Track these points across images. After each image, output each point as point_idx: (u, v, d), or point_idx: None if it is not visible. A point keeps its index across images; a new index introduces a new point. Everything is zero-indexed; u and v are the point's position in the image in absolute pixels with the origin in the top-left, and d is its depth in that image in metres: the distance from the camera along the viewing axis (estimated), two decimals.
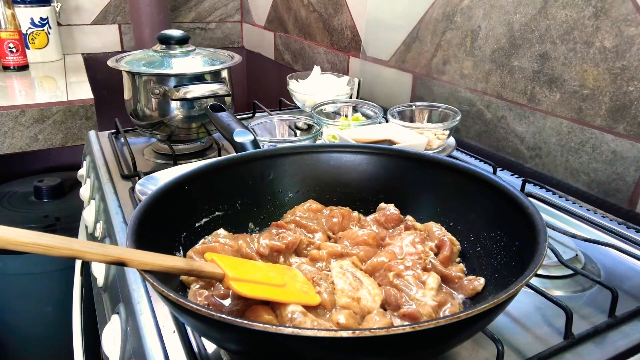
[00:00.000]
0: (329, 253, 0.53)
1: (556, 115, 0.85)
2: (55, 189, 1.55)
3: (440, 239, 0.54)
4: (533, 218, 0.45)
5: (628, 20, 0.72)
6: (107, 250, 0.35)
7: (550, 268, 0.60)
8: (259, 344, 0.36)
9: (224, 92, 0.94)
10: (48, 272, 1.39)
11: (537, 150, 0.90)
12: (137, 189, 0.74)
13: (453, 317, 0.33)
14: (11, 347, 1.50)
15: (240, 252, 0.52)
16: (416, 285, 0.47)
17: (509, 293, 0.35)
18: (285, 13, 1.77)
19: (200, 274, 0.41)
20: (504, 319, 0.52)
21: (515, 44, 0.90)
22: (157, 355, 0.48)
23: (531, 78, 0.88)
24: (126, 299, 0.58)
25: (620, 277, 0.61)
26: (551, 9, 0.83)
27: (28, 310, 1.44)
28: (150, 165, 0.98)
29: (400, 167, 0.63)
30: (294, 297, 0.43)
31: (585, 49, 0.78)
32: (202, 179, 0.57)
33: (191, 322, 0.40)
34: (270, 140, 0.87)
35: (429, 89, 1.14)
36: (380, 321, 0.43)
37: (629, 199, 0.76)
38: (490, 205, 0.53)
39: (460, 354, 0.48)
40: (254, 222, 0.62)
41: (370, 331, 0.32)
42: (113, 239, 0.71)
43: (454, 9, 1.02)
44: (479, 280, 0.49)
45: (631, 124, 0.74)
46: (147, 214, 0.47)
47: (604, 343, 0.50)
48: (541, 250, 0.40)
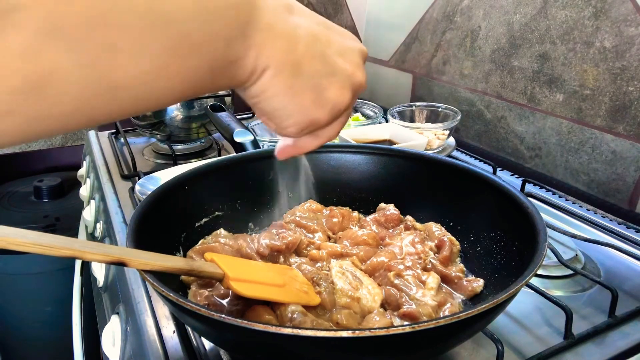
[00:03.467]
0: (328, 253, 0.53)
1: (556, 115, 0.85)
2: (55, 189, 1.55)
3: (440, 239, 0.54)
4: (533, 218, 0.45)
5: (628, 20, 0.72)
6: (107, 250, 0.35)
7: (550, 268, 0.60)
8: (259, 344, 0.36)
9: (224, 92, 0.94)
10: (48, 272, 1.39)
11: (537, 150, 0.90)
12: (137, 189, 0.74)
13: (453, 317, 0.33)
14: (11, 347, 1.50)
15: (240, 252, 0.52)
16: (416, 285, 0.47)
17: (508, 293, 0.35)
18: None
19: (200, 274, 0.41)
20: (504, 319, 0.52)
21: (515, 44, 0.90)
22: (157, 355, 0.48)
23: (531, 78, 0.88)
24: (126, 299, 0.58)
25: (620, 277, 0.61)
26: (551, 9, 0.83)
27: (28, 310, 1.44)
28: (150, 165, 0.98)
29: (400, 167, 0.63)
30: (294, 297, 0.43)
31: (585, 49, 0.78)
32: (202, 179, 0.57)
33: (191, 322, 0.40)
34: (270, 140, 0.87)
35: (429, 89, 1.14)
36: (380, 321, 0.43)
37: (629, 199, 0.76)
38: (490, 205, 0.53)
39: (460, 354, 0.48)
40: (254, 222, 0.62)
41: (370, 331, 0.32)
42: (113, 239, 0.71)
43: (454, 9, 1.03)
44: (478, 281, 0.49)
45: (631, 124, 0.74)
46: (147, 214, 0.47)
47: (604, 343, 0.50)
48: (541, 250, 0.40)
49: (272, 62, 0.31)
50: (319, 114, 0.35)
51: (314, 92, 0.34)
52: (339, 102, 0.35)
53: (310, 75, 0.33)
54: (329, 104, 0.35)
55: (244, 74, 0.31)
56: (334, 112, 0.36)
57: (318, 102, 0.34)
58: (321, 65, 0.34)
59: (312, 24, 0.34)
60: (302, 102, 0.34)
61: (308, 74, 0.33)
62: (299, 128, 0.36)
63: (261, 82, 0.32)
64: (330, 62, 0.34)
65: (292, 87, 0.33)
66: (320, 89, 0.34)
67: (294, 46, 0.32)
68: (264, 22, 0.30)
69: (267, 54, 0.31)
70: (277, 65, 0.31)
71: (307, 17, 0.34)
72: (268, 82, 0.32)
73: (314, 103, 0.34)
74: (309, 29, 0.33)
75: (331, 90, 0.35)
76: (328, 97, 0.35)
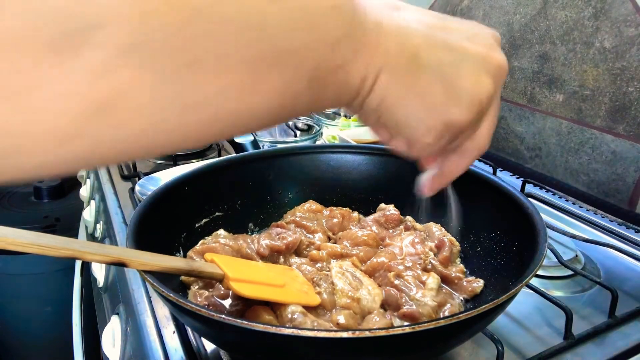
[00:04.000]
0: (328, 253, 0.53)
1: (556, 115, 0.85)
2: (55, 189, 1.55)
3: (440, 240, 0.54)
4: (533, 218, 0.45)
5: (628, 20, 0.72)
6: (107, 250, 0.35)
7: (550, 268, 0.60)
8: (259, 344, 0.36)
9: None
10: (48, 272, 1.39)
11: (537, 151, 0.90)
12: (137, 190, 0.74)
13: (453, 317, 0.33)
14: (11, 347, 1.50)
15: (240, 253, 0.52)
16: (416, 285, 0.47)
17: (508, 294, 0.35)
18: None
19: (200, 275, 0.41)
20: (504, 319, 0.52)
21: (515, 45, 0.90)
22: (157, 355, 0.48)
23: (531, 78, 0.88)
24: (126, 300, 0.58)
25: (620, 277, 0.61)
26: (551, 9, 0.83)
27: (28, 310, 1.44)
28: (150, 165, 0.98)
29: (400, 167, 0.63)
30: (294, 297, 0.43)
31: (585, 49, 0.78)
32: (202, 179, 0.57)
33: (191, 323, 0.40)
34: (270, 140, 0.87)
35: None
36: (380, 321, 0.43)
37: (629, 199, 0.76)
38: (490, 205, 0.53)
39: (460, 354, 0.48)
40: (254, 222, 0.62)
41: (370, 331, 0.32)
42: (113, 239, 0.71)
43: (454, 9, 1.03)
44: (478, 282, 0.49)
45: (631, 124, 0.74)
46: (147, 214, 0.47)
47: (604, 343, 0.50)
48: (541, 251, 0.40)
49: (386, 61, 0.27)
50: (455, 111, 0.29)
51: (442, 84, 0.28)
52: (477, 92, 0.29)
53: (434, 66, 0.28)
54: (465, 96, 0.29)
55: (354, 83, 0.26)
56: (475, 106, 0.29)
57: (451, 95, 0.28)
58: (445, 53, 0.28)
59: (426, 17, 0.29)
60: (432, 100, 0.28)
61: (431, 65, 0.28)
62: (436, 134, 0.29)
63: (378, 88, 0.27)
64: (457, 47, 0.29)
65: (415, 84, 0.28)
66: (449, 79, 0.28)
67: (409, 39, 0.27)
68: (371, 21, 0.26)
69: (379, 54, 0.26)
70: (392, 64, 0.27)
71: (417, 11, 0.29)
72: (386, 87, 0.27)
73: (446, 97, 0.28)
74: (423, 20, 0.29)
75: (464, 79, 0.29)
76: (462, 87, 0.29)
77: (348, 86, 0.26)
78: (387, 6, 0.28)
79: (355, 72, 0.26)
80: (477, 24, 0.32)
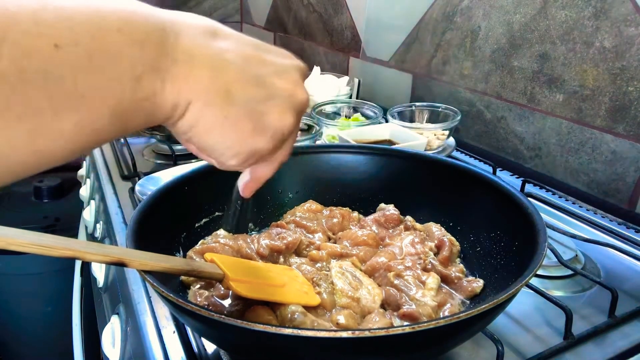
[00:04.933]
0: (328, 253, 0.53)
1: (556, 115, 0.85)
2: (55, 189, 1.55)
3: (439, 239, 0.54)
4: (533, 218, 0.45)
5: (628, 20, 0.72)
6: (107, 250, 0.35)
7: (550, 268, 0.60)
8: (259, 344, 0.36)
9: None
10: (48, 272, 1.39)
11: (536, 151, 0.90)
12: (137, 190, 0.74)
13: (453, 317, 0.33)
14: (11, 347, 1.50)
15: (240, 253, 0.52)
16: (416, 285, 0.47)
17: (508, 293, 0.35)
18: (285, 13, 1.77)
19: (200, 275, 0.41)
20: (504, 319, 0.52)
21: (515, 44, 0.90)
22: (157, 355, 0.48)
23: (531, 78, 0.88)
24: (126, 300, 0.58)
25: (620, 277, 0.61)
26: (551, 9, 0.83)
27: (28, 310, 1.44)
28: (150, 165, 0.98)
29: (400, 167, 0.63)
30: (294, 297, 0.43)
31: (585, 49, 0.78)
32: (202, 179, 0.57)
33: (191, 323, 0.40)
34: None
35: (428, 89, 1.14)
36: (380, 321, 0.43)
37: (629, 199, 0.76)
38: (490, 205, 0.53)
39: (460, 354, 0.48)
40: (254, 222, 0.62)
41: (370, 331, 0.32)
42: (113, 239, 0.71)
43: (454, 9, 1.03)
44: (478, 282, 0.49)
45: (631, 124, 0.74)
46: (147, 214, 0.47)
47: (604, 343, 0.50)
48: (541, 251, 0.40)
49: (196, 94, 0.28)
50: (260, 143, 0.32)
51: (251, 119, 0.31)
52: (281, 127, 0.32)
53: (245, 102, 0.30)
54: (270, 131, 0.32)
55: (164, 110, 0.28)
56: (277, 139, 0.33)
57: (258, 130, 0.31)
58: (256, 89, 0.31)
59: (241, 46, 0.31)
60: (240, 132, 0.31)
61: (242, 100, 0.30)
62: (241, 160, 0.32)
63: (188, 116, 0.29)
64: (267, 84, 0.31)
65: (226, 117, 0.30)
66: (258, 115, 0.31)
67: (222, 73, 0.29)
68: (181, 51, 0.27)
69: (189, 87, 0.28)
70: (203, 97, 0.28)
71: (234, 39, 0.31)
72: (196, 116, 0.29)
73: (254, 131, 0.31)
74: (238, 51, 0.30)
75: (271, 115, 0.32)
76: (269, 124, 0.32)
77: (158, 113, 0.28)
78: (204, 33, 0.29)
79: (163, 102, 0.27)
80: (288, 55, 0.35)
